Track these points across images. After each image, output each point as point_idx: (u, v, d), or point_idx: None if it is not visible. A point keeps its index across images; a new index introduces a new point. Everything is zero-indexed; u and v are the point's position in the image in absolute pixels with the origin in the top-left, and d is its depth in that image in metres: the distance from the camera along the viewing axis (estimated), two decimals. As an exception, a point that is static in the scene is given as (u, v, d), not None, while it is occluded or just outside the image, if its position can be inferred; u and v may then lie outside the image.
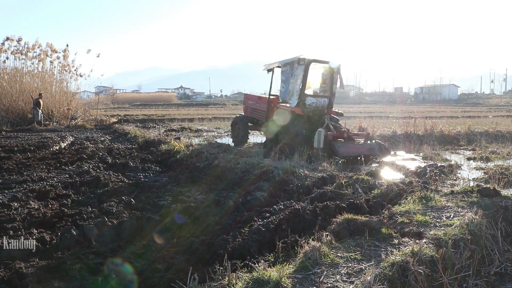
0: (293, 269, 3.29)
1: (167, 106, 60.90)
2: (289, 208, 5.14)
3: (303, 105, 10.84)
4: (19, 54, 24.76)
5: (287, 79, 11.29)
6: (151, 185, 7.49)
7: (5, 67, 24.68)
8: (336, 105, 12.79)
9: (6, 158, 10.50)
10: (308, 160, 9.21)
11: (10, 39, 24.47)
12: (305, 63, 10.72)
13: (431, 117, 24.08)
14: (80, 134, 18.72)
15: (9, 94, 23.55)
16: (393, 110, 41.95)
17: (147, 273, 3.71)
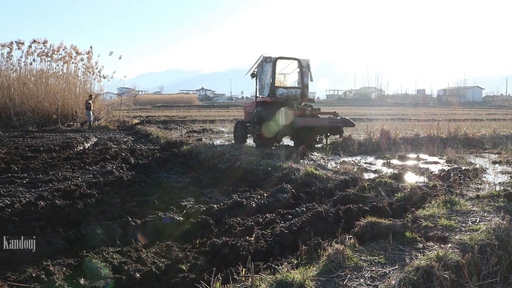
0: (317, 272, 3.28)
1: (189, 107, 61.32)
2: (311, 210, 5.12)
3: (273, 95, 12.56)
4: (44, 56, 25.27)
5: (260, 76, 13.12)
6: (173, 185, 7.56)
7: (31, 69, 25.25)
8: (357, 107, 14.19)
9: (33, 157, 10.73)
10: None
11: (36, 41, 25.01)
12: (272, 60, 12.57)
13: (454, 119, 23.72)
14: (103, 134, 19.01)
15: (35, 95, 24.07)
16: (416, 113, 41.47)
17: (170, 273, 3.74)
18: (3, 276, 3.72)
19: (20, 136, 17.20)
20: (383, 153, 11.50)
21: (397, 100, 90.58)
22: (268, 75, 12.76)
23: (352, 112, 43.70)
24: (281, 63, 13.17)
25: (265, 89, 12.94)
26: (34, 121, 22.82)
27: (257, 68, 13.12)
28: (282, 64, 13.31)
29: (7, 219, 5.30)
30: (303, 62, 13.06)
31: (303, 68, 13.04)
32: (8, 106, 22.88)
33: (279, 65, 13.01)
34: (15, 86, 23.97)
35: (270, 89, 12.63)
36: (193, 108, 57.37)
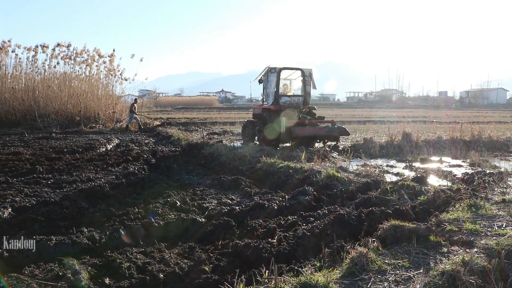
0: (340, 275, 3.28)
1: (209, 109, 61.62)
2: (333, 213, 5.11)
3: (277, 103, 13.56)
4: (68, 59, 25.70)
5: (265, 84, 14.23)
6: (195, 187, 7.61)
7: (55, 72, 25.69)
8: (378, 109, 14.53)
9: (57, 159, 10.92)
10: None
11: (60, 45, 25.45)
12: (276, 70, 13.55)
13: (478, 122, 23.33)
14: (124, 136, 19.24)
15: (59, 97, 24.48)
16: (438, 115, 40.94)
17: (193, 274, 3.77)
18: (32, 274, 3.80)
19: (44, 138, 17.52)
20: (405, 155, 11.38)
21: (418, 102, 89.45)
22: (272, 84, 13.77)
23: (372, 114, 43.37)
24: (285, 72, 14.20)
25: (270, 97, 13.97)
26: (58, 123, 23.19)
27: (263, 76, 14.23)
28: (286, 73, 14.34)
29: (33, 219, 5.41)
30: (306, 71, 14.01)
31: (305, 77, 13.99)
32: (33, 108, 23.31)
33: (283, 74, 14.01)
34: (40, 88, 24.42)
35: (274, 97, 13.68)
36: (213, 110, 57.64)
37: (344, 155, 10.74)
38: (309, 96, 14.35)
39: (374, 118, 34.00)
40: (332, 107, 70.13)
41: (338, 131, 13.20)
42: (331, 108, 65.82)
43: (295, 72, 14.42)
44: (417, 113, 44.47)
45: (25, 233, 5.04)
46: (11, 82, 24.37)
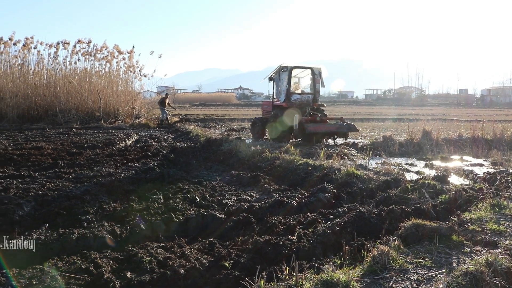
0: (361, 273, 3.26)
1: (227, 106, 61.75)
2: (353, 211, 5.09)
3: (288, 100, 14.33)
4: (88, 55, 25.99)
5: (277, 82, 15.10)
6: (214, 183, 7.64)
7: (75, 68, 26.01)
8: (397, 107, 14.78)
9: (78, 154, 11.08)
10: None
11: (81, 41, 25.75)
12: (288, 69, 14.33)
13: (500, 120, 22.93)
14: (144, 132, 19.39)
15: (79, 93, 24.79)
16: (458, 113, 40.39)
17: (213, 270, 3.78)
18: (55, 266, 3.86)
19: (65, 133, 17.76)
20: (425, 154, 11.27)
21: (438, 100, 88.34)
22: (284, 82, 14.59)
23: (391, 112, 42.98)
24: (296, 71, 15.01)
25: (282, 95, 14.82)
26: (78, 118, 23.49)
27: (275, 74, 15.09)
28: (296, 71, 15.11)
29: (56, 212, 5.51)
30: (316, 70, 14.73)
31: (315, 76, 14.72)
32: (54, 104, 23.65)
33: (294, 73, 14.79)
34: (61, 84, 24.76)
35: (286, 95, 14.49)
36: (231, 107, 57.74)
37: (363, 153, 10.69)
38: (319, 94, 15.14)
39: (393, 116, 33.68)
40: (350, 105, 69.69)
41: (347, 128, 13.84)
42: (349, 106, 65.42)
43: (305, 70, 15.13)
44: (437, 111, 43.95)
45: (48, 226, 5.14)
46: (33, 78, 24.76)
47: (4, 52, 24.42)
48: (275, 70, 15.15)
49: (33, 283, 3.42)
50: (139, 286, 3.48)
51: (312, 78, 14.92)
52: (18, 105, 23.06)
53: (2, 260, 3.94)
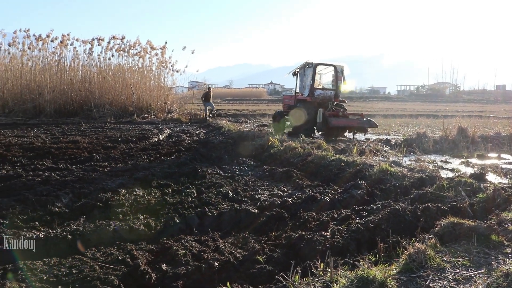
0: (397, 270, 3.22)
1: (258, 101, 61.81)
2: (387, 208, 5.03)
3: (312, 95, 15.01)
4: (122, 51, 26.43)
5: (302, 78, 15.82)
6: (246, 178, 7.66)
7: (109, 64, 26.51)
8: (430, 103, 15.05)
9: (112, 148, 11.30)
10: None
11: (115, 37, 26.22)
12: (313, 65, 15.14)
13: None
14: (176, 127, 19.62)
15: (113, 88, 25.26)
16: (495, 110, 39.32)
17: (247, 264, 3.81)
18: (93, 256, 3.96)
19: (100, 127, 18.15)
20: (460, 151, 11.01)
21: (473, 96, 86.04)
22: (309, 77, 15.33)
23: (425, 108, 42.20)
24: (320, 67, 15.81)
25: (306, 90, 15.51)
26: (112, 113, 23.93)
27: (300, 70, 15.89)
28: (320, 68, 15.94)
29: (92, 205, 5.64)
30: (338, 67, 15.44)
31: (338, 73, 15.40)
32: (89, 99, 24.16)
33: (318, 69, 15.62)
34: (95, 80, 25.28)
35: (310, 90, 15.18)
36: (262, 102, 57.76)
37: (396, 149, 10.54)
38: (340, 90, 15.75)
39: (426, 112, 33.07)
40: (382, 101, 68.73)
41: (368, 123, 14.60)
42: (381, 102, 64.52)
43: (328, 67, 15.97)
44: (473, 108, 42.89)
45: (85, 217, 5.28)
46: (69, 73, 25.36)
47: (43, 49, 25.09)
48: (299, 66, 15.93)
49: (72, 272, 3.52)
50: (174, 278, 3.52)
51: (334, 75, 15.56)
52: (55, 100, 23.67)
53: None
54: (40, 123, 20.58)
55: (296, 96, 16.18)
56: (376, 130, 17.82)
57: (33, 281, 3.39)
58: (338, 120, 14.29)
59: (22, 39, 24.82)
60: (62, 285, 3.30)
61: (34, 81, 23.98)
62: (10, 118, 21.80)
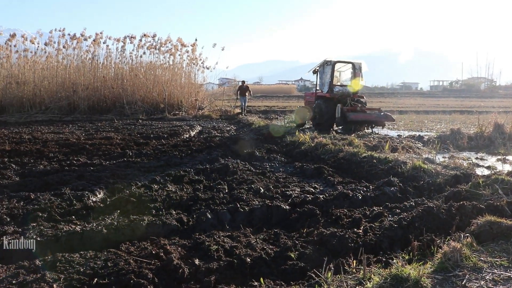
0: (432, 269, 3.17)
1: (288, 98, 61.61)
2: (421, 205, 4.94)
3: (331, 92, 15.69)
4: (153, 49, 26.77)
5: (321, 75, 16.74)
6: (277, 175, 7.66)
7: (141, 61, 26.90)
8: (464, 99, 14.73)
9: (144, 144, 11.49)
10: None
11: (146, 35, 26.57)
12: (331, 63, 15.91)
13: None
14: (206, 123, 19.76)
15: (144, 86, 25.63)
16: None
17: (279, 260, 3.81)
18: (127, 250, 4.04)
19: (132, 124, 18.45)
20: (497, 148, 10.72)
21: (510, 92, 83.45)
22: (328, 75, 16.09)
23: (458, 104, 41.23)
24: (339, 65, 16.44)
25: (325, 86, 16.29)
26: (144, 110, 24.29)
27: (319, 68, 16.78)
28: (339, 65, 16.54)
29: (126, 200, 5.74)
30: (356, 64, 16.05)
31: (356, 70, 15.99)
32: (122, 96, 24.58)
33: (337, 66, 16.28)
34: (128, 77, 25.68)
35: (329, 86, 15.90)
36: (292, 99, 57.53)
37: (429, 146, 10.34)
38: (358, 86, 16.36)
39: (460, 108, 32.30)
40: (414, 96, 67.55)
41: (385, 117, 15.03)
42: (413, 97, 63.41)
43: (347, 65, 16.56)
44: (509, 103, 41.61)
45: (119, 212, 5.38)
46: (102, 71, 25.85)
47: (77, 47, 25.66)
48: (319, 64, 16.78)
49: (108, 265, 3.60)
50: (207, 273, 3.56)
51: (353, 72, 16.17)
52: (89, 97, 24.18)
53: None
54: (75, 119, 21.11)
55: (316, 93, 16.98)
56: (409, 127, 17.56)
57: (71, 273, 3.49)
58: (355, 115, 14.72)
59: (58, 39, 25.45)
60: (98, 278, 3.37)
61: (69, 79, 24.54)
62: (46, 115, 22.41)
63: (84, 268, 3.59)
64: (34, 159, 9.03)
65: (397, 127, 17.80)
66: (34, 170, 7.82)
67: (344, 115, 14.50)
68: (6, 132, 14.44)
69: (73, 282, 3.34)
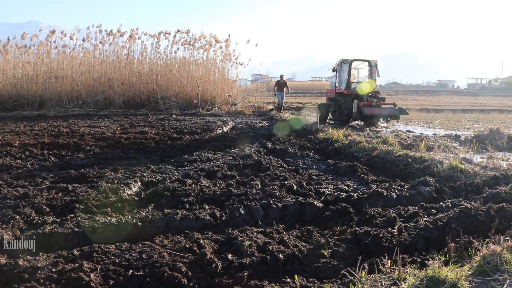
0: (470, 272, 3.09)
1: (321, 94, 61.00)
2: (458, 206, 4.83)
3: (349, 88, 16.73)
4: (187, 45, 27.00)
5: (339, 73, 17.69)
6: (310, 172, 7.61)
7: (175, 57, 27.18)
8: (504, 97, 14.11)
9: (178, 139, 11.61)
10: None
11: (180, 31, 26.82)
12: (348, 62, 16.93)
13: None
14: (239, 119, 19.83)
15: (178, 81, 25.88)
16: None
17: (312, 258, 3.79)
18: (161, 243, 4.10)
19: (166, 119, 18.68)
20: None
21: None
22: (345, 72, 17.07)
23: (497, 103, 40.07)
24: (356, 63, 17.43)
25: (343, 83, 17.30)
26: (177, 105, 24.54)
27: (337, 66, 17.65)
28: (356, 63, 17.50)
29: (160, 193, 5.83)
30: (372, 62, 16.96)
31: (372, 67, 16.90)
32: (156, 91, 24.90)
33: (353, 65, 17.23)
34: (162, 72, 26.00)
35: (346, 83, 16.93)
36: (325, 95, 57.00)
37: (466, 145, 10.08)
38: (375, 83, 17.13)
39: (499, 107, 31.37)
40: (450, 95, 65.99)
41: (399, 111, 15.97)
42: (449, 96, 61.97)
43: (363, 63, 17.52)
44: None
45: (153, 206, 5.47)
46: (137, 67, 26.25)
47: (113, 43, 26.14)
48: (337, 63, 17.74)
49: (143, 257, 3.66)
50: (239, 268, 3.57)
51: (369, 69, 17.06)
52: (124, 92, 24.60)
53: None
54: (110, 114, 21.54)
55: (335, 89, 17.90)
56: (445, 126, 17.19)
57: (107, 263, 3.57)
58: (371, 110, 15.84)
59: (95, 34, 25.99)
60: (133, 269, 3.43)
61: (105, 74, 25.02)
62: (83, 109, 22.95)
63: (120, 259, 3.66)
64: (72, 152, 9.28)
65: (433, 126, 17.45)
66: (71, 163, 8.03)
67: (360, 110, 15.63)
68: (45, 125, 14.88)
69: (109, 272, 3.41)
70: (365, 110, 15.70)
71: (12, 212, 4.79)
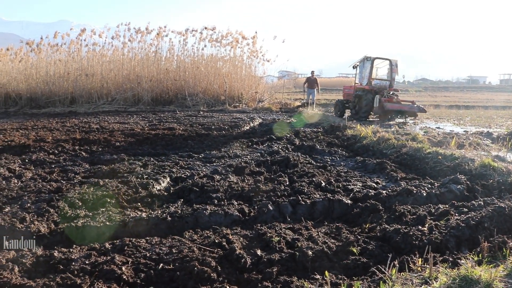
0: (505, 273, 3.03)
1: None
2: (491, 205, 4.73)
3: (370, 84, 17.42)
4: (214, 42, 27.13)
5: (361, 70, 18.58)
6: (338, 169, 7.56)
7: (202, 54, 27.36)
8: None
9: (205, 135, 11.70)
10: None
11: (207, 28, 26.96)
12: (371, 59, 17.66)
13: None
14: (266, 116, 19.82)
15: (206, 78, 26.05)
16: None
17: (341, 255, 3.77)
18: (191, 238, 4.14)
19: (193, 115, 18.83)
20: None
21: None
22: (367, 69, 17.78)
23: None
24: (377, 61, 18.03)
25: (365, 80, 17.98)
26: (205, 102, 24.69)
27: (359, 63, 18.58)
28: (378, 61, 18.10)
29: (189, 189, 5.89)
30: (393, 61, 17.67)
31: (392, 66, 17.62)
32: (183, 88, 25.11)
33: (375, 62, 17.92)
34: (189, 69, 26.19)
35: (368, 80, 17.58)
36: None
37: (499, 143, 9.85)
38: (394, 81, 18.18)
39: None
40: (481, 91, 64.51)
41: (418, 109, 16.85)
42: (480, 92, 60.59)
43: (385, 61, 18.12)
44: None
45: (183, 201, 5.53)
46: (165, 64, 26.52)
47: (141, 41, 26.48)
48: (359, 60, 18.57)
49: (173, 252, 3.71)
50: (268, 264, 3.58)
51: (389, 67, 17.81)
52: (152, 89, 24.90)
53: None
54: (139, 110, 21.86)
55: (355, 86, 18.66)
56: (476, 122, 16.83)
57: (138, 257, 3.64)
58: (392, 105, 16.52)
59: (123, 32, 26.40)
60: (164, 263, 3.49)
61: (134, 71, 25.38)
62: (112, 106, 23.35)
63: (150, 253, 3.72)
64: (102, 148, 9.46)
65: (463, 122, 17.09)
66: (102, 158, 8.19)
67: (382, 105, 16.40)
68: (76, 122, 15.21)
69: (140, 266, 3.47)
70: (387, 105, 16.33)
71: (47, 205, 4.94)
